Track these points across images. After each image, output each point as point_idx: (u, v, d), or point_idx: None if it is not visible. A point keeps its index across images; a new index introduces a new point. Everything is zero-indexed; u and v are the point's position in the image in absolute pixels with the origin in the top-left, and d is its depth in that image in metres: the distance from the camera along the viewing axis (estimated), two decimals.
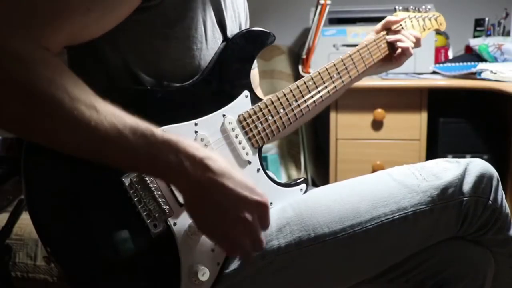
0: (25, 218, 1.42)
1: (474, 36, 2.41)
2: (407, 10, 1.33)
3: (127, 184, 0.81)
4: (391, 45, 1.24)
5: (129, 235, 0.82)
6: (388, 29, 1.25)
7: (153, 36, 0.86)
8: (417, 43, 1.26)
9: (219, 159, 0.76)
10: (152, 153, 0.72)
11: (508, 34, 2.36)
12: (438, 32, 2.38)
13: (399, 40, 1.23)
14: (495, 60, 2.20)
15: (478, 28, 2.41)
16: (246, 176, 0.93)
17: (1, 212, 1.63)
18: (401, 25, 1.27)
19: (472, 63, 2.19)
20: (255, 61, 1.10)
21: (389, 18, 1.26)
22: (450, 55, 2.46)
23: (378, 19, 2.29)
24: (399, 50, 1.23)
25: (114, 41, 0.84)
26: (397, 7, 1.33)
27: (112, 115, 0.70)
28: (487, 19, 2.39)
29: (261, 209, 0.78)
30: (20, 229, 1.60)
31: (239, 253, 0.82)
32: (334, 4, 2.20)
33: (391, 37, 1.23)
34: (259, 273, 0.90)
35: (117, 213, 0.81)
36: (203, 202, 0.76)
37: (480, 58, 2.25)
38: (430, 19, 1.37)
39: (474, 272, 0.97)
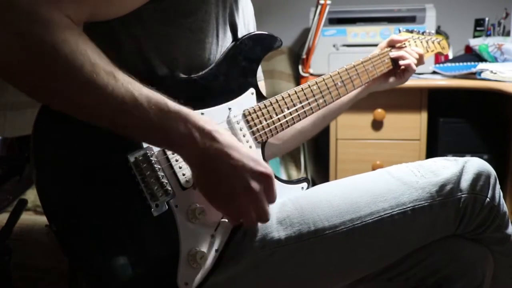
0: (25, 218, 1.43)
1: (474, 36, 2.41)
2: (411, 32, 1.35)
3: (132, 161, 0.83)
4: (395, 61, 1.26)
5: (130, 213, 0.83)
6: (392, 46, 1.28)
7: (167, 25, 0.88)
8: (420, 60, 1.29)
9: (226, 133, 0.80)
10: (164, 122, 0.75)
11: (508, 34, 2.36)
12: (438, 32, 2.40)
13: (402, 57, 1.25)
14: (495, 60, 2.20)
15: (478, 28, 2.41)
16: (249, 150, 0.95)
17: (1, 212, 1.63)
18: (404, 43, 1.29)
19: (472, 63, 2.19)
20: (261, 73, 1.14)
21: (394, 36, 1.28)
22: (450, 55, 2.46)
23: (378, 19, 2.32)
24: (402, 67, 1.26)
25: (129, 27, 0.87)
26: (401, 28, 1.35)
27: (128, 83, 0.73)
28: (487, 19, 2.39)
29: (266, 180, 0.82)
30: (20, 229, 1.60)
31: (245, 222, 0.85)
32: (334, 4, 2.20)
33: (394, 54, 1.26)
34: (259, 266, 0.91)
35: (120, 190, 0.83)
36: (211, 172, 0.79)
37: (480, 58, 2.25)
38: (433, 42, 1.40)
39: (473, 270, 0.97)
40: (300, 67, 2.30)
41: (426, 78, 2.21)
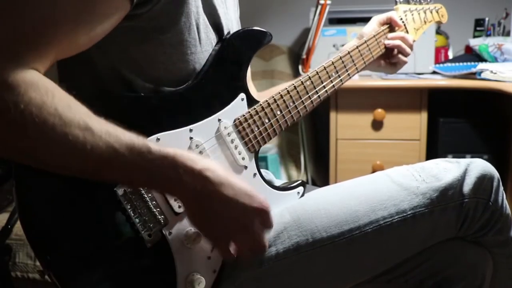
0: None
1: (474, 36, 2.41)
2: (408, 2, 1.31)
3: (120, 194, 0.80)
4: (387, 48, 1.22)
5: (123, 246, 0.81)
6: (389, 24, 1.23)
7: (144, 42, 0.84)
8: (411, 48, 1.25)
9: (217, 168, 0.76)
10: (150, 170, 0.72)
11: (508, 34, 2.36)
12: (438, 32, 2.39)
13: (398, 48, 1.21)
14: (495, 60, 2.19)
15: (478, 28, 2.41)
16: (243, 182, 0.93)
17: (1, 212, 1.63)
18: (401, 18, 1.24)
19: (472, 63, 2.19)
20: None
21: (394, 18, 1.22)
22: (450, 55, 2.46)
23: None
24: (395, 60, 1.22)
25: (103, 48, 0.82)
26: (397, 0, 1.30)
27: (107, 134, 0.69)
28: (487, 19, 2.39)
29: (262, 215, 0.79)
30: (20, 229, 1.59)
31: (241, 256, 0.83)
32: (334, 4, 2.20)
33: (390, 42, 1.20)
34: (258, 280, 0.90)
35: (111, 224, 0.80)
36: (205, 213, 0.77)
37: (480, 58, 2.25)
38: (431, 11, 1.34)
39: (473, 272, 0.97)
40: (300, 67, 2.30)
41: (426, 78, 2.21)
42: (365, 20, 2.33)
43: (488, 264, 0.99)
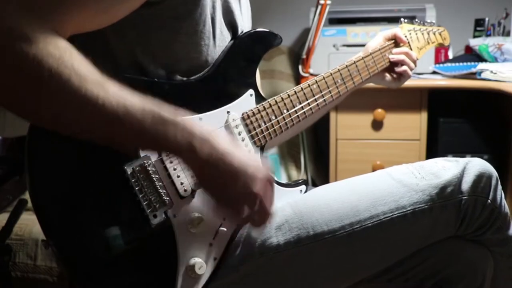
0: (25, 218, 1.43)
1: (474, 36, 2.41)
2: (412, 22, 1.33)
3: (129, 172, 0.82)
4: (392, 63, 1.24)
5: (128, 224, 0.83)
6: (395, 40, 1.25)
7: (160, 30, 0.87)
8: (415, 64, 1.27)
9: (224, 139, 0.78)
10: (159, 132, 0.72)
11: (508, 34, 2.36)
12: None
13: (402, 62, 1.23)
14: (495, 60, 2.20)
15: (478, 28, 2.41)
16: (248, 154, 0.94)
17: (1, 212, 1.63)
18: (406, 36, 1.27)
19: (472, 63, 2.19)
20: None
21: (399, 34, 1.24)
22: (450, 55, 2.46)
23: (378, 19, 2.32)
24: (402, 68, 1.23)
25: (121, 32, 0.85)
26: (402, 19, 1.32)
27: (119, 93, 0.70)
28: (487, 19, 2.39)
29: (266, 184, 0.81)
30: (20, 229, 1.60)
31: (250, 223, 0.85)
32: (334, 4, 2.20)
33: (394, 57, 1.22)
34: (258, 271, 0.91)
35: (117, 201, 0.83)
36: (211, 178, 0.78)
37: (480, 58, 2.25)
38: (434, 33, 1.38)
39: (473, 271, 0.98)
40: (300, 67, 2.30)
41: (426, 78, 2.21)
42: (365, 20, 2.35)
43: (488, 264, 1.00)
